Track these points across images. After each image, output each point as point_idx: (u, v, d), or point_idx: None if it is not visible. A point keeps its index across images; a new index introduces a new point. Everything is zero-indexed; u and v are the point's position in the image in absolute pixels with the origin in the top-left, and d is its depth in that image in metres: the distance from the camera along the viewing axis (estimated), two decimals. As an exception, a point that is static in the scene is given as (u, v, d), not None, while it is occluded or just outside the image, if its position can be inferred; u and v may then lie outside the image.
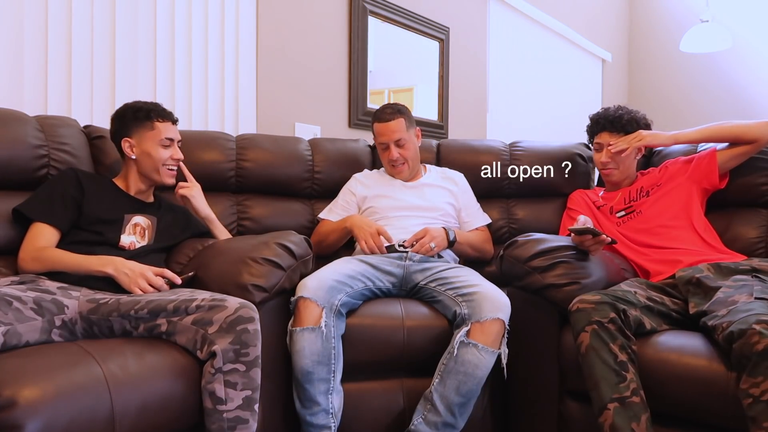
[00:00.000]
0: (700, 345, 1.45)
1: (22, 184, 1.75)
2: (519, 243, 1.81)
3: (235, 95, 2.54)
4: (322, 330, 1.64)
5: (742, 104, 5.03)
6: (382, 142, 2.19)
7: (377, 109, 2.23)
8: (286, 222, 2.23)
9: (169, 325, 1.40)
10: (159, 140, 1.76)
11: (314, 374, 1.62)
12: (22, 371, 1.13)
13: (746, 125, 1.93)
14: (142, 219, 1.75)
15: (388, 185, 2.23)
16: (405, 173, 2.21)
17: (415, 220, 2.11)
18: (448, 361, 1.65)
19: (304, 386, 1.62)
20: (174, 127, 1.81)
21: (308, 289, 1.70)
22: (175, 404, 1.33)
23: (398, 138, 2.15)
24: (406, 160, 2.18)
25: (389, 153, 2.17)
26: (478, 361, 1.63)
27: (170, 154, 1.78)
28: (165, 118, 1.78)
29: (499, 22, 4.04)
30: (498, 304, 1.70)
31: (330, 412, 1.65)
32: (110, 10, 2.15)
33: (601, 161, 2.12)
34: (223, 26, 2.49)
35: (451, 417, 1.64)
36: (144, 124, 1.76)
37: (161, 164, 1.77)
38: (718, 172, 1.96)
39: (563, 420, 1.69)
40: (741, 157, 1.96)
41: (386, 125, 2.15)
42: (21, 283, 1.46)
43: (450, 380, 1.64)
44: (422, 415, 1.66)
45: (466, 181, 2.31)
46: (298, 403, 1.65)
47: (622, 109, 2.12)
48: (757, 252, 2.01)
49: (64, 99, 2.06)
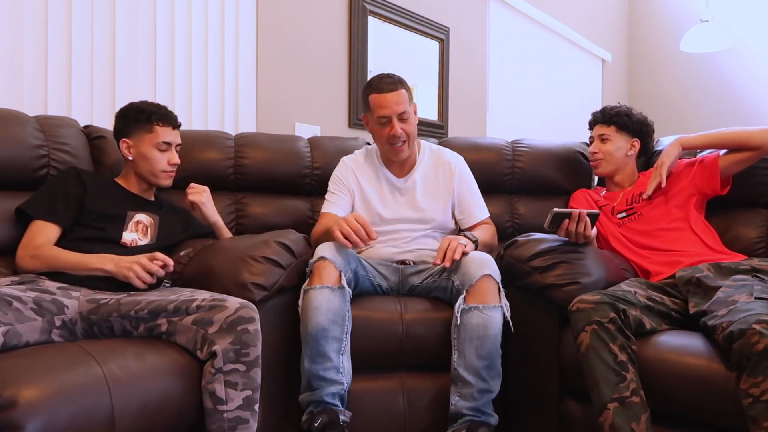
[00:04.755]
0: (700, 345, 1.45)
1: (22, 184, 1.75)
2: (519, 243, 1.81)
3: (235, 95, 2.54)
4: (343, 289, 1.66)
5: (742, 104, 5.03)
6: (383, 116, 1.92)
7: (372, 79, 1.99)
8: (285, 219, 2.23)
9: (169, 325, 1.40)
10: (155, 143, 1.74)
11: (329, 331, 1.61)
12: (22, 371, 1.13)
13: (750, 131, 1.92)
14: (144, 216, 1.75)
15: (376, 185, 2.05)
16: (404, 153, 1.98)
17: (407, 234, 2.01)
18: (459, 333, 1.65)
19: (319, 341, 1.61)
20: (174, 132, 1.79)
21: (328, 252, 1.71)
22: (175, 404, 1.33)
23: (402, 111, 1.92)
24: (408, 137, 1.96)
25: (391, 129, 1.93)
26: (485, 321, 1.63)
27: (167, 158, 1.77)
28: (166, 122, 1.76)
29: (499, 22, 4.04)
30: (480, 262, 1.72)
31: (341, 371, 1.63)
32: (110, 10, 2.15)
33: (590, 151, 2.20)
34: (223, 26, 2.49)
35: (483, 382, 1.63)
36: (144, 127, 1.75)
37: (158, 168, 1.76)
38: (719, 178, 1.96)
39: (563, 420, 1.69)
40: (744, 163, 1.95)
41: (388, 96, 1.92)
42: (21, 283, 1.46)
43: (467, 349, 1.63)
44: (457, 393, 1.65)
45: (464, 166, 2.11)
46: (308, 360, 1.62)
47: (619, 107, 2.18)
48: (757, 252, 2.01)
49: (64, 99, 2.06)
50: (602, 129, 2.16)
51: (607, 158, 2.14)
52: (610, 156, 2.14)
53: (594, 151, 2.17)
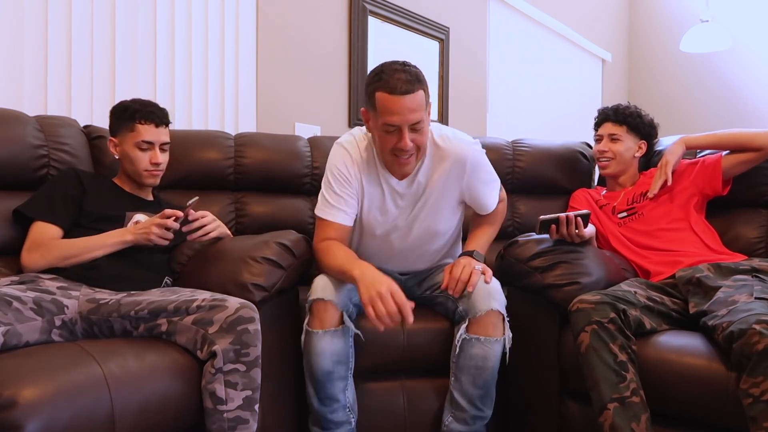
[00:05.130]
0: (700, 345, 1.45)
1: (22, 184, 1.75)
2: (519, 243, 1.81)
3: (235, 95, 2.54)
4: (346, 328, 1.62)
5: (742, 104, 5.03)
6: (392, 124, 1.53)
7: (383, 68, 1.56)
8: (285, 219, 2.22)
9: (169, 325, 1.40)
10: (136, 142, 1.70)
11: (334, 373, 1.61)
12: (22, 371, 1.13)
13: (754, 133, 1.93)
14: (143, 217, 1.75)
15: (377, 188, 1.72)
16: (409, 167, 1.66)
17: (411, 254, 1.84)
18: (457, 359, 1.64)
19: (325, 384, 1.61)
20: (157, 130, 1.72)
21: (328, 293, 1.61)
22: (175, 404, 1.33)
23: (417, 120, 1.53)
24: (418, 149, 1.60)
25: (400, 140, 1.55)
26: (486, 353, 1.61)
27: (149, 157, 1.71)
28: (148, 120, 1.70)
29: (499, 22, 4.04)
30: (488, 294, 1.64)
31: (347, 407, 1.65)
32: (110, 10, 2.15)
33: (598, 149, 2.15)
34: (223, 26, 2.49)
35: (476, 409, 1.65)
36: (127, 125, 1.71)
37: (140, 168, 1.72)
38: (721, 179, 1.96)
39: (563, 420, 1.69)
40: (746, 164, 1.95)
41: (402, 101, 1.51)
42: (21, 283, 1.46)
43: (464, 377, 1.64)
44: (451, 413, 1.67)
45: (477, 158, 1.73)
46: (316, 401, 1.63)
47: (631, 107, 2.15)
48: (757, 252, 2.01)
49: (64, 99, 2.06)
50: (614, 128, 2.13)
51: (617, 158, 2.11)
52: (620, 156, 2.11)
53: (603, 149, 2.13)
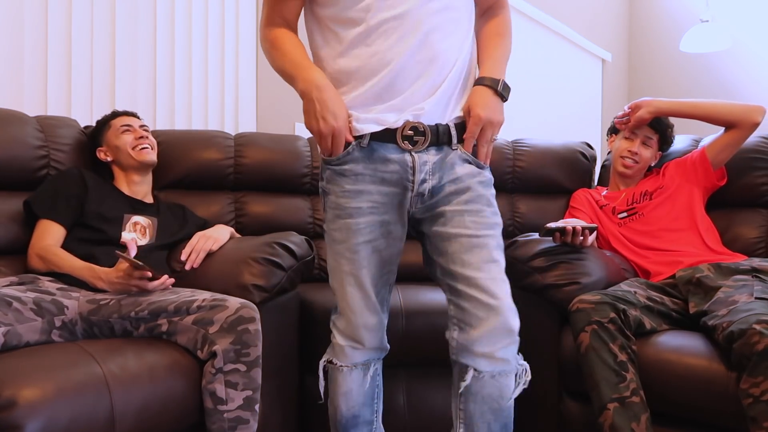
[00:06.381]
0: (700, 345, 1.45)
1: (22, 184, 1.75)
2: (519, 243, 1.81)
3: (235, 96, 2.54)
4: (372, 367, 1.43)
5: (742, 104, 5.03)
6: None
7: None
8: (284, 218, 2.23)
9: (169, 325, 1.40)
10: (116, 131, 1.84)
11: (360, 417, 1.42)
12: (22, 371, 1.13)
13: (722, 105, 1.92)
14: (141, 219, 1.76)
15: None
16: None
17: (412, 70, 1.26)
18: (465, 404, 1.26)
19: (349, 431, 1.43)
20: (132, 119, 1.88)
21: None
22: (176, 404, 1.33)
23: None
24: None
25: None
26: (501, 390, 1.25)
27: (132, 135, 1.84)
28: (121, 115, 1.88)
29: (499, 22, 4.03)
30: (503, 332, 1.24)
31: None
32: (110, 10, 2.15)
33: (630, 149, 2.06)
34: (223, 26, 2.49)
35: None
36: (105, 128, 1.86)
37: (129, 147, 1.82)
38: (712, 169, 1.97)
39: (563, 420, 1.69)
40: (729, 147, 1.95)
41: None
42: (20, 283, 1.47)
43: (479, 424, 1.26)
44: None
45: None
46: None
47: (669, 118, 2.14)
48: (757, 252, 2.01)
49: (64, 99, 2.06)
50: (650, 132, 2.08)
51: (641, 163, 2.08)
52: (644, 162, 2.08)
53: (635, 151, 2.05)
